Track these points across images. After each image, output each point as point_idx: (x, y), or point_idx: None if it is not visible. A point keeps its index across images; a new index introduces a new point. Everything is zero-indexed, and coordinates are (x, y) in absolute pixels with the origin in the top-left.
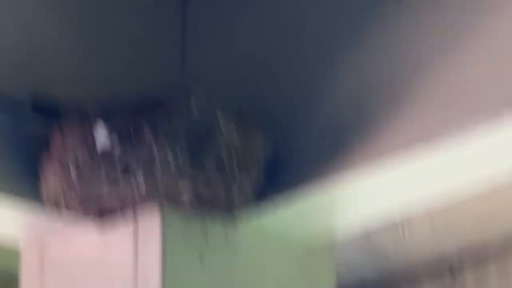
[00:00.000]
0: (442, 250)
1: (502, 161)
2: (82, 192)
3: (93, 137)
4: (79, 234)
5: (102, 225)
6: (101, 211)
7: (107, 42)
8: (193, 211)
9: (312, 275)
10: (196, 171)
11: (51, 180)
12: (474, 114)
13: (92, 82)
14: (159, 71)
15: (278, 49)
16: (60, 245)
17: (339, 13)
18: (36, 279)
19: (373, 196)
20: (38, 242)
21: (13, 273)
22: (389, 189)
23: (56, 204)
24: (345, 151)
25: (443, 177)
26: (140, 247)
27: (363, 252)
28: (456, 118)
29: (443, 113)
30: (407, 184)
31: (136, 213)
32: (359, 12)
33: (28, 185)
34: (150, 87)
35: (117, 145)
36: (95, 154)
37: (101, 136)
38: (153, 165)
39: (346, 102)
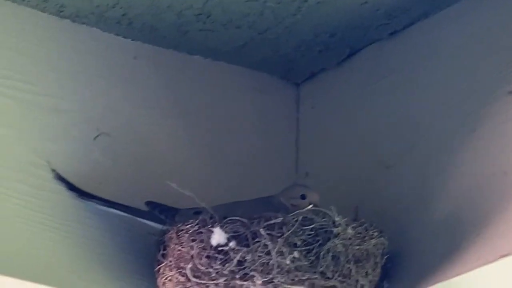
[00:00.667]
0: None
1: None
2: None
3: (210, 241)
4: None
5: None
6: None
7: (222, 144)
8: None
9: None
10: (313, 272)
11: (168, 282)
12: None
13: (207, 184)
14: (274, 172)
15: (393, 143)
16: None
17: (454, 104)
18: None
19: None
20: None
21: None
22: (510, 285)
23: None
24: (463, 248)
25: None
26: None
27: None
28: None
29: None
30: None
31: None
32: (474, 104)
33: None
34: (265, 189)
35: (235, 249)
36: (212, 257)
37: (218, 239)
38: (270, 268)
39: (463, 198)
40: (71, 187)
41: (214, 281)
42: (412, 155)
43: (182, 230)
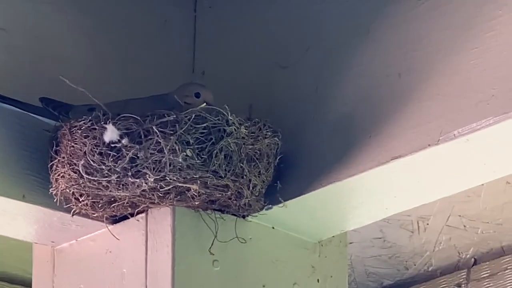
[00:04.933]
0: (457, 245)
1: None
2: (92, 190)
3: (102, 137)
4: (90, 231)
5: (113, 222)
6: (111, 209)
7: (116, 43)
8: (203, 208)
9: (324, 269)
10: (206, 171)
11: (61, 179)
12: (482, 112)
13: (102, 82)
14: (170, 71)
15: (289, 44)
16: (72, 242)
17: (350, 6)
18: (48, 277)
19: (385, 193)
20: (50, 241)
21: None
22: (402, 186)
23: (67, 202)
24: (357, 149)
25: (454, 174)
26: (151, 244)
27: (377, 248)
28: (466, 115)
29: (454, 111)
30: (420, 181)
31: (147, 211)
32: (371, 6)
33: (38, 184)
34: (160, 87)
35: (127, 146)
36: (105, 154)
37: (111, 136)
38: (163, 165)
39: (357, 99)
40: None
41: (106, 178)
42: (307, 56)
43: (75, 126)
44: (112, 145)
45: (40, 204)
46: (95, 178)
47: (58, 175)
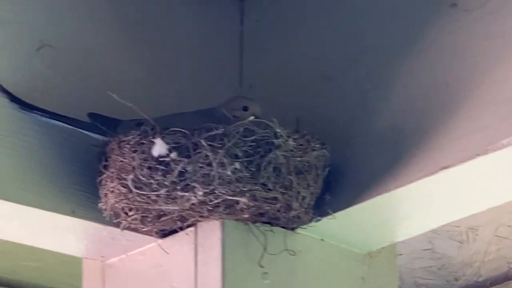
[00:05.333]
0: (506, 255)
1: None
2: (141, 205)
3: (151, 152)
4: (140, 245)
5: (162, 236)
6: (161, 223)
7: (164, 57)
8: (252, 221)
9: (374, 281)
10: (254, 184)
11: (110, 193)
12: None
13: (150, 97)
14: (218, 84)
15: (336, 57)
16: (121, 257)
17: (396, 19)
18: None
19: (434, 204)
20: (99, 255)
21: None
22: (450, 197)
23: (116, 217)
24: (405, 160)
25: (503, 184)
26: (200, 257)
27: (427, 259)
28: None
29: (502, 120)
30: (468, 191)
31: (196, 225)
32: (416, 17)
33: (88, 199)
34: (208, 101)
35: (176, 160)
36: (154, 168)
37: (159, 150)
38: (212, 178)
39: (404, 110)
40: (14, 98)
41: (155, 192)
42: (354, 68)
43: (123, 141)
44: (161, 159)
45: (90, 219)
46: (144, 193)
47: (107, 190)
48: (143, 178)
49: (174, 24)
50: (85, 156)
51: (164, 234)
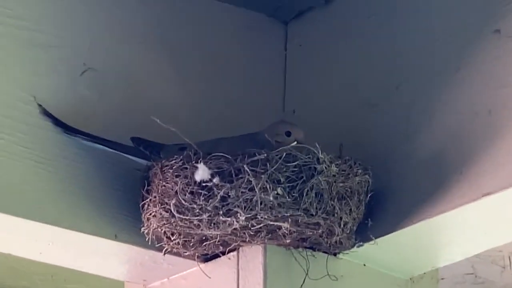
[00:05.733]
0: None
1: None
2: (184, 229)
3: (194, 177)
4: (182, 270)
5: (204, 260)
6: (203, 247)
7: (207, 82)
8: (294, 246)
9: None
10: (297, 209)
11: (153, 218)
12: None
13: (193, 121)
14: (261, 109)
15: (379, 82)
16: (163, 281)
17: (439, 45)
18: None
19: (476, 229)
20: (141, 279)
21: None
22: (493, 222)
23: (158, 241)
24: (447, 186)
25: None
26: (242, 282)
27: (469, 284)
28: None
29: None
30: (510, 217)
31: (238, 249)
32: (459, 44)
33: (130, 223)
34: (251, 126)
35: (218, 185)
36: (196, 193)
37: (202, 175)
38: (254, 203)
39: (447, 136)
40: (58, 122)
41: (198, 217)
42: (397, 94)
43: (166, 165)
44: (203, 184)
45: (132, 243)
46: (187, 217)
47: (150, 214)
48: (185, 203)
49: (218, 48)
50: (128, 180)
51: (206, 258)
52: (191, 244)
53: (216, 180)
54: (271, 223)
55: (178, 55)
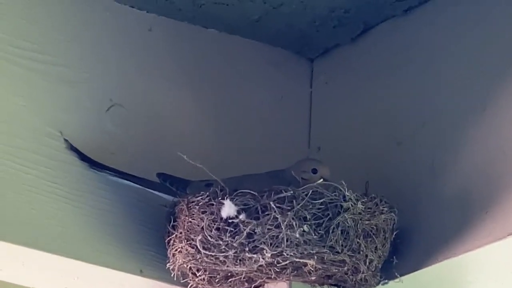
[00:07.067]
0: None
1: None
2: (209, 265)
3: (220, 214)
4: None
5: None
6: (228, 284)
7: (233, 118)
8: (320, 283)
9: None
10: (322, 246)
11: (178, 254)
12: None
13: (219, 158)
14: (286, 146)
15: (405, 120)
16: None
17: (465, 83)
18: None
19: (502, 268)
20: None
21: None
22: None
23: (184, 277)
24: (473, 224)
25: None
26: None
27: None
28: None
29: None
30: None
31: (263, 286)
32: (485, 83)
33: (155, 258)
34: (276, 163)
35: (245, 221)
36: (222, 229)
37: (228, 211)
38: (280, 240)
39: (473, 175)
40: (84, 157)
41: (224, 253)
42: (423, 132)
43: (192, 202)
44: (230, 221)
45: (157, 278)
46: (213, 254)
47: (176, 250)
48: (211, 239)
49: (244, 84)
50: (154, 216)
51: None
52: (216, 280)
53: (242, 216)
54: (297, 260)
55: (204, 91)
